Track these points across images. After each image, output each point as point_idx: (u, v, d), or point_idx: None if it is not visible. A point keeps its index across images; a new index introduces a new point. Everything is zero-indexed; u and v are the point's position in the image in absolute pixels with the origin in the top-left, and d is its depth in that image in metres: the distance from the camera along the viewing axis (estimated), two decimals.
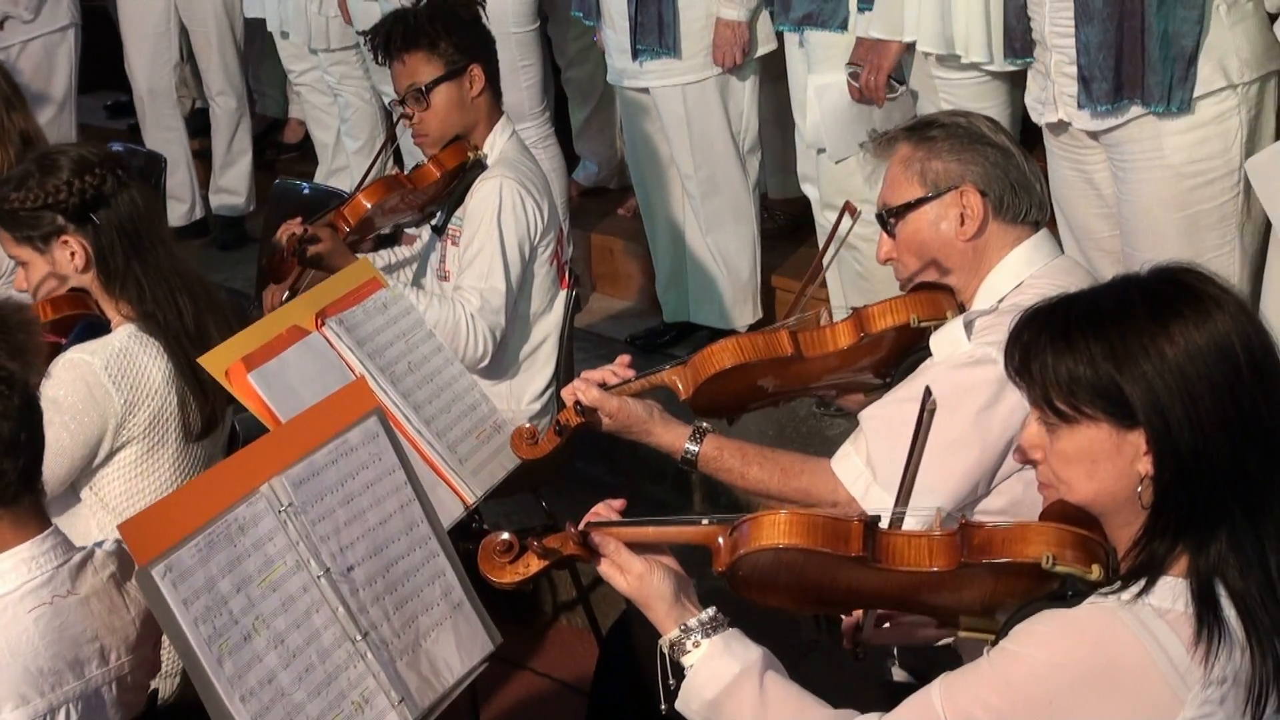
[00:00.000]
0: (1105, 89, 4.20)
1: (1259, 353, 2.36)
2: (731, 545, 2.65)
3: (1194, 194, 4.26)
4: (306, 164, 8.04)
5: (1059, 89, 4.34)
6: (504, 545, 2.73)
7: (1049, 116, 4.42)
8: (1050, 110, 4.40)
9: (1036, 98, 4.48)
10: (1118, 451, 2.38)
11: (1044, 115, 4.45)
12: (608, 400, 3.45)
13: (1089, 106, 4.25)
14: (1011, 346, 2.47)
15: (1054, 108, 4.38)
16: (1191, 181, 4.25)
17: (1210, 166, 4.23)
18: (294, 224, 4.55)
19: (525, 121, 6.30)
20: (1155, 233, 4.30)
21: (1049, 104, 4.40)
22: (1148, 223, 4.32)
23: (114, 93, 9.16)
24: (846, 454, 3.34)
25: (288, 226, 4.55)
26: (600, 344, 6.44)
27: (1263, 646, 2.32)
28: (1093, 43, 4.18)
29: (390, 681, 2.78)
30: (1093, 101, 4.23)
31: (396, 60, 4.61)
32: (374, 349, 3.68)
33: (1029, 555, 2.48)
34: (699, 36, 5.79)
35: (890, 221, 3.39)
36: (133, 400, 3.63)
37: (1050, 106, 4.39)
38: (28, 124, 5.04)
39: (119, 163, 3.76)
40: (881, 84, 4.95)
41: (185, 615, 2.54)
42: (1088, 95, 4.24)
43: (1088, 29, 4.19)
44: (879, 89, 4.96)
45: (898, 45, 4.93)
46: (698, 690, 2.61)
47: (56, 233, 3.69)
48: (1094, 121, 4.29)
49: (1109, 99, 4.20)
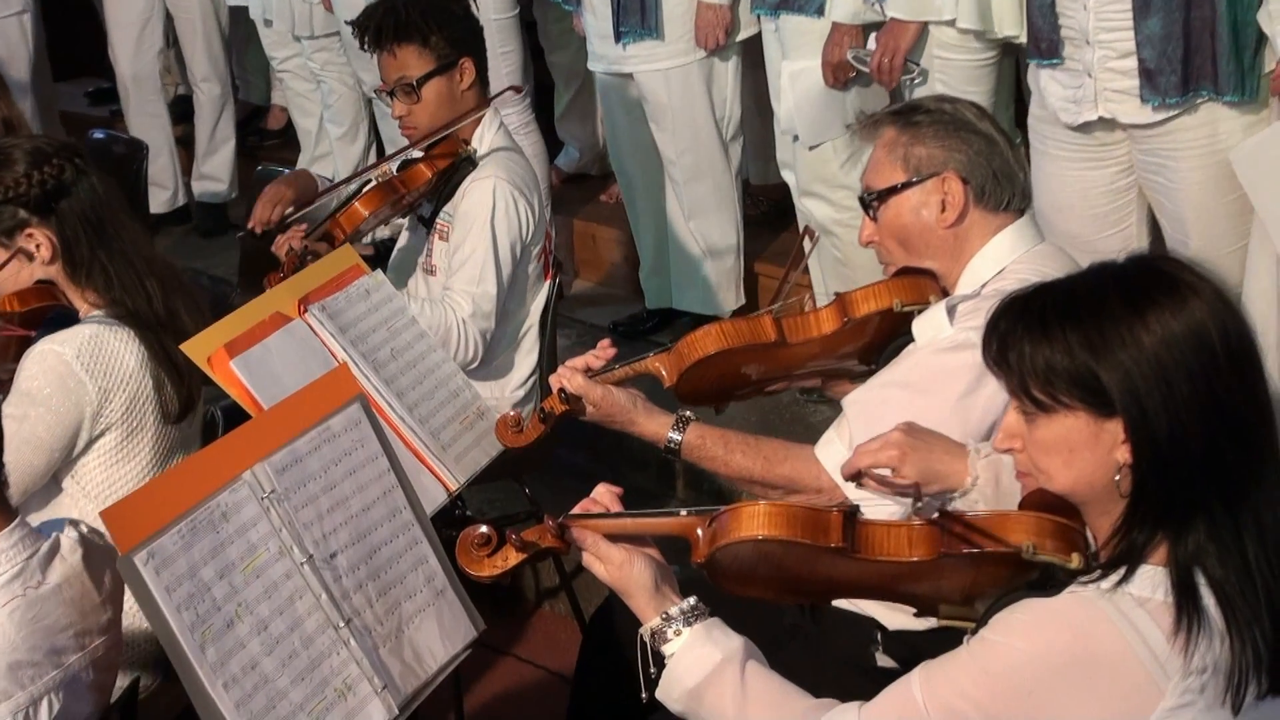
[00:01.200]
0: (1174, 81, 4.17)
1: (1235, 340, 2.36)
2: (710, 537, 2.65)
3: None
4: (289, 151, 8.04)
5: (1103, 84, 4.30)
6: (482, 538, 2.73)
7: (1086, 115, 4.38)
8: (1089, 109, 4.36)
9: (1066, 98, 4.42)
10: (1095, 440, 2.38)
11: (1080, 114, 4.39)
12: (592, 389, 3.45)
13: (1153, 99, 4.21)
14: (989, 336, 2.47)
15: (1093, 105, 4.34)
16: None
17: None
18: (293, 237, 4.52)
19: (506, 108, 6.29)
20: (1208, 218, 4.30)
21: (1086, 103, 4.36)
22: (1200, 209, 4.31)
23: (95, 79, 9.15)
24: (830, 440, 3.35)
25: (287, 239, 4.53)
26: (583, 330, 6.45)
27: (1242, 635, 2.32)
28: (1157, 34, 4.15)
29: (373, 668, 2.78)
30: (1158, 94, 4.20)
31: (386, 52, 4.58)
32: (356, 335, 3.68)
33: (1009, 544, 2.48)
34: (681, 20, 5.80)
35: (873, 205, 3.40)
36: (107, 387, 3.61)
37: (1089, 105, 4.35)
38: (10, 111, 5.02)
39: (75, 151, 3.71)
40: (899, 65, 4.95)
41: (168, 602, 2.53)
42: (1152, 88, 4.20)
43: (1149, 22, 4.16)
44: (895, 70, 4.95)
45: (916, 26, 4.93)
46: (679, 678, 2.62)
47: (19, 226, 3.65)
48: (1155, 114, 4.25)
49: (1178, 91, 4.18)
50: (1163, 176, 4.34)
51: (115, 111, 8.32)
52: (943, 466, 2.92)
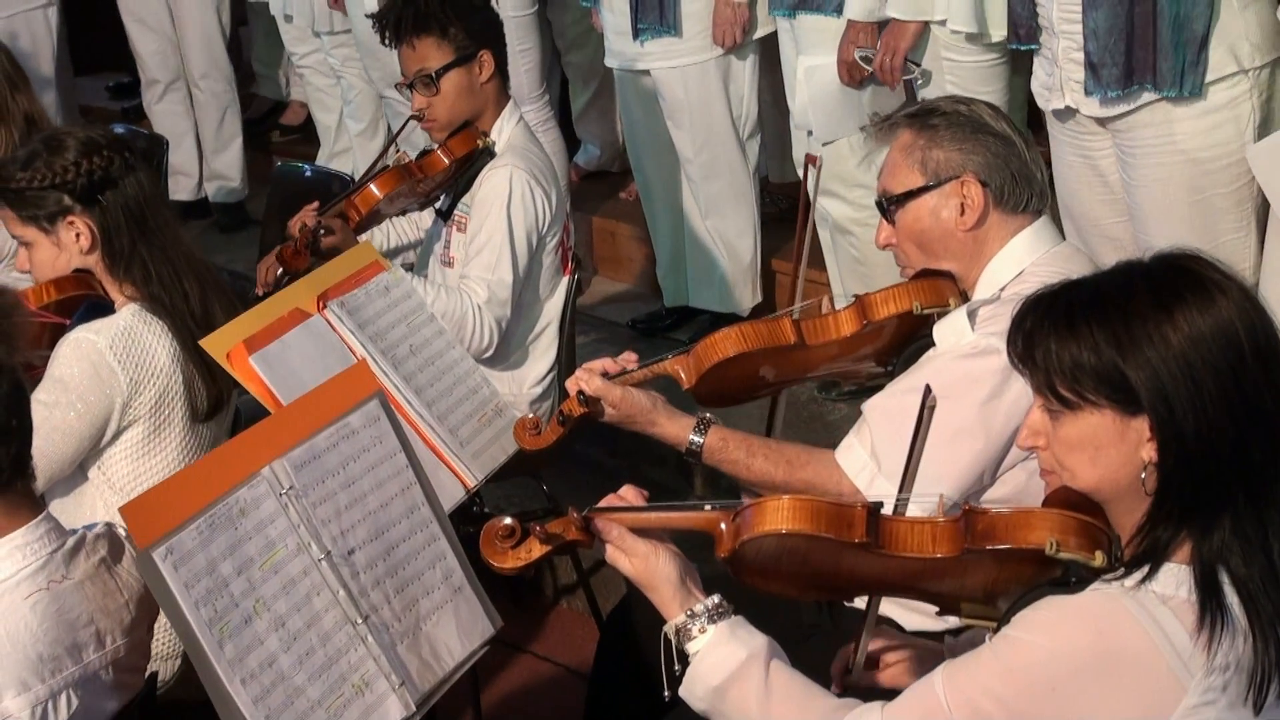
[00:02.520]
0: (1115, 74, 4.18)
1: (1262, 338, 2.36)
2: (734, 531, 2.64)
3: (1207, 179, 4.25)
4: (309, 146, 8.03)
5: (1066, 75, 4.32)
6: (506, 530, 2.72)
7: (1055, 103, 4.41)
8: (1057, 97, 4.38)
9: (1043, 84, 4.46)
10: (1121, 438, 2.38)
11: (1050, 101, 4.43)
12: (611, 390, 3.44)
13: (1098, 92, 4.23)
14: (1014, 333, 2.47)
15: (1060, 94, 4.36)
16: (1205, 167, 4.24)
17: (1224, 152, 4.22)
18: (306, 215, 4.54)
19: (525, 105, 6.27)
20: (1167, 219, 4.29)
21: (1055, 90, 4.38)
22: (1159, 209, 4.31)
23: (115, 74, 9.15)
24: (850, 445, 3.34)
25: (300, 217, 4.54)
26: (602, 328, 6.44)
27: (1265, 634, 2.32)
28: (1101, 28, 4.16)
29: (391, 665, 2.78)
30: (1101, 87, 4.21)
31: (405, 44, 4.59)
32: (375, 332, 3.68)
33: (1032, 541, 2.48)
34: (699, 17, 5.79)
35: (890, 209, 3.38)
36: (138, 379, 3.63)
37: (1057, 93, 4.38)
38: (32, 106, 5.04)
39: (126, 146, 3.77)
40: (898, 65, 4.94)
41: (186, 598, 2.54)
42: (1096, 81, 4.21)
43: (1096, 14, 4.16)
44: (895, 70, 4.94)
45: (916, 26, 4.92)
46: (703, 676, 2.61)
47: (63, 213, 3.70)
48: (1103, 108, 4.27)
49: (1119, 84, 4.18)
50: (1126, 173, 4.36)
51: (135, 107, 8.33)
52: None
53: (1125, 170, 4.36)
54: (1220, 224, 4.29)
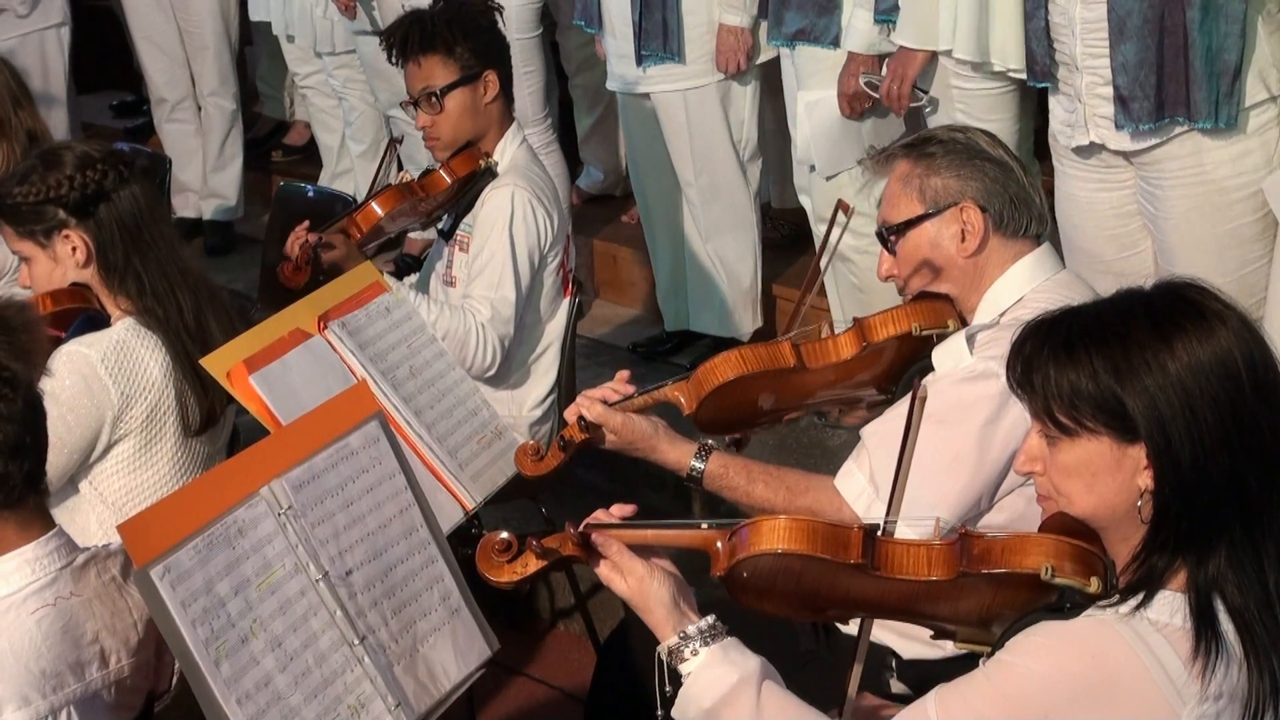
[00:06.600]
0: (1147, 107, 4.14)
1: (1261, 369, 2.36)
2: (730, 550, 2.65)
3: (1235, 208, 4.23)
4: (311, 167, 8.03)
5: (1091, 111, 4.28)
6: (503, 544, 2.73)
7: (1079, 139, 4.36)
8: (1081, 133, 4.34)
9: (1064, 121, 4.42)
10: (1118, 465, 2.38)
11: (1074, 139, 4.38)
12: (612, 416, 3.44)
13: (1128, 126, 4.19)
14: (1014, 358, 2.47)
15: (1085, 130, 4.32)
16: (1234, 195, 4.22)
17: (1252, 180, 4.20)
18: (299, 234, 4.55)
19: (528, 127, 6.28)
20: (1197, 249, 4.26)
21: (1079, 126, 4.34)
22: (1188, 240, 4.28)
23: (119, 92, 9.16)
24: (850, 471, 3.34)
25: (298, 234, 4.55)
26: (602, 351, 6.43)
27: (1259, 663, 2.32)
28: (1131, 61, 4.13)
29: (387, 686, 2.78)
30: (1132, 121, 4.17)
31: (411, 62, 4.61)
32: (376, 353, 3.69)
33: (1028, 566, 2.48)
34: (702, 42, 5.80)
35: (890, 239, 3.39)
36: (129, 393, 3.64)
37: (1081, 129, 4.33)
38: (35, 123, 5.06)
39: (122, 160, 3.79)
40: (906, 93, 4.94)
41: (183, 617, 2.53)
42: (1127, 115, 4.18)
43: (1124, 47, 4.13)
44: (903, 98, 4.95)
45: (924, 55, 4.92)
46: (695, 698, 2.61)
47: (58, 226, 3.72)
48: (1134, 141, 4.23)
49: (1151, 117, 4.15)
50: (1152, 205, 4.33)
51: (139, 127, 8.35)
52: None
53: (1152, 203, 4.33)
54: (1248, 252, 4.28)
